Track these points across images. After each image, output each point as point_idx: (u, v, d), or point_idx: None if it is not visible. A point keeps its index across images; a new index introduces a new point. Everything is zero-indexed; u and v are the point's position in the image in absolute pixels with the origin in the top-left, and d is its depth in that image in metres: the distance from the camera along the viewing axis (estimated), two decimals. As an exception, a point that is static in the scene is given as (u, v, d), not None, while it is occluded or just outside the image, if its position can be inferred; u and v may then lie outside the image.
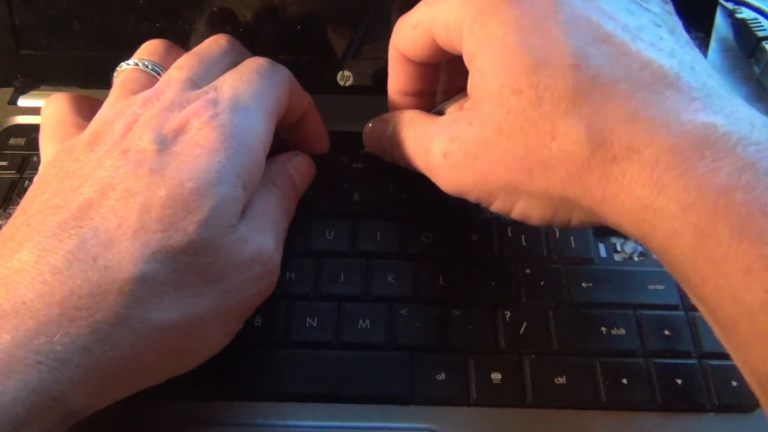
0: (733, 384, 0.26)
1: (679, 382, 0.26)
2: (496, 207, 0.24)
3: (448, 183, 0.25)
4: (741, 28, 0.42)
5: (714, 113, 0.19)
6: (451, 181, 0.24)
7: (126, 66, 0.28)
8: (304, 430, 0.25)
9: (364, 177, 0.32)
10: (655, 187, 0.19)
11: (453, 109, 0.27)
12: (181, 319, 0.22)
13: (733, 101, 0.20)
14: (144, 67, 0.28)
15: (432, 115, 0.27)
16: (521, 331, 0.28)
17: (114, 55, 0.29)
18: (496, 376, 0.26)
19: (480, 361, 0.27)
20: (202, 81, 0.26)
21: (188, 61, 0.27)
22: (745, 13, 0.43)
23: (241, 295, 0.24)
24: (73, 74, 0.35)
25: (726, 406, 0.26)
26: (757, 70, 0.41)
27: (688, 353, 0.27)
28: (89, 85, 0.35)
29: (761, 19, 0.42)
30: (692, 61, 0.21)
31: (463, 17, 0.23)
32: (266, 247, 0.25)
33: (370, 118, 0.30)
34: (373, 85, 0.35)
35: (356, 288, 0.29)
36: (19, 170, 0.33)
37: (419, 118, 0.27)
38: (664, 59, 0.20)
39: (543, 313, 0.28)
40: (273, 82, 0.27)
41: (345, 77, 0.35)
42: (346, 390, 0.26)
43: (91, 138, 0.24)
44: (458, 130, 0.23)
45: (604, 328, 0.28)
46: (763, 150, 0.18)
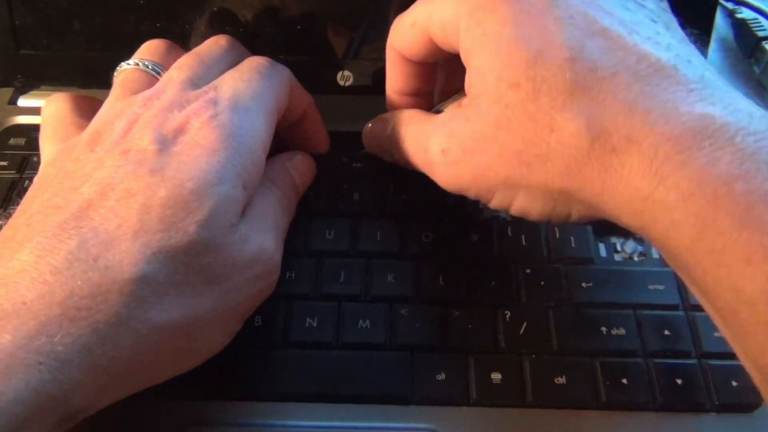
0: (734, 384, 0.26)
1: (679, 382, 0.26)
2: (495, 203, 0.24)
3: (447, 180, 0.25)
4: (741, 28, 0.42)
5: (712, 104, 0.19)
6: (450, 177, 0.24)
7: (126, 66, 0.28)
8: (304, 430, 0.25)
9: (364, 177, 0.32)
10: (654, 178, 0.19)
11: (451, 108, 0.27)
12: (181, 319, 0.22)
13: (731, 93, 0.20)
14: (144, 67, 0.28)
15: (430, 114, 0.27)
16: (521, 331, 0.28)
17: (114, 55, 0.29)
18: (496, 376, 0.26)
19: (480, 361, 0.27)
20: (202, 81, 0.26)
21: (188, 61, 0.27)
22: (745, 13, 0.43)
23: (241, 295, 0.24)
24: (73, 74, 0.35)
25: (726, 406, 0.26)
26: (757, 70, 0.41)
27: (688, 353, 0.27)
28: (89, 85, 0.35)
29: (761, 19, 0.42)
30: (689, 55, 0.21)
31: (459, 15, 0.23)
32: (266, 247, 0.25)
33: (370, 118, 0.30)
34: (372, 85, 0.35)
35: (356, 288, 0.29)
36: (19, 170, 0.33)
37: (418, 116, 0.27)
38: (661, 52, 0.21)
39: (543, 313, 0.28)
40: (273, 82, 0.27)
41: (345, 77, 0.35)
42: (346, 390, 0.26)
43: (91, 138, 0.24)
44: (456, 126, 0.23)
45: (604, 328, 0.28)
46: (762, 140, 0.18)
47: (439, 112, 0.28)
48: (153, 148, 0.23)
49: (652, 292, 0.29)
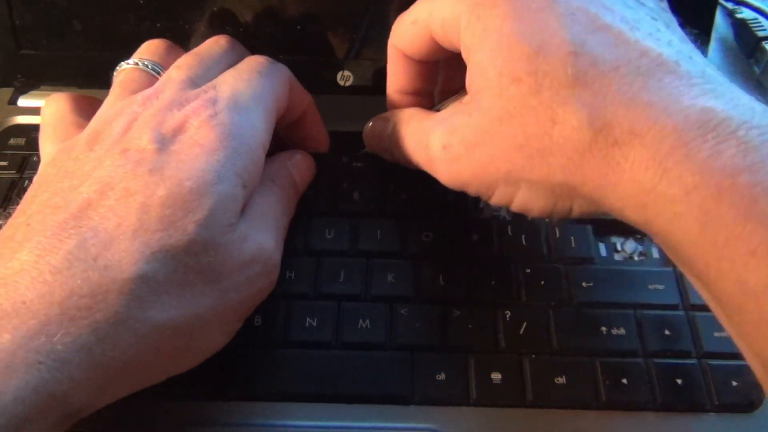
0: (734, 384, 0.26)
1: (679, 382, 0.26)
2: (497, 199, 0.24)
3: (449, 176, 0.25)
4: (741, 28, 0.42)
5: (715, 98, 0.19)
6: (451, 173, 0.24)
7: (126, 65, 0.28)
8: (304, 430, 0.25)
9: (364, 176, 0.32)
10: (657, 170, 0.19)
11: (452, 106, 0.27)
12: (181, 319, 0.22)
13: (733, 88, 0.20)
14: (144, 66, 0.28)
15: (431, 112, 0.27)
16: (521, 331, 0.28)
17: (114, 55, 0.29)
18: (496, 376, 0.26)
19: (480, 361, 0.27)
20: (201, 81, 0.26)
21: (188, 61, 0.27)
22: (745, 13, 0.43)
23: (240, 294, 0.24)
24: (73, 74, 0.35)
25: (726, 406, 0.26)
26: (757, 70, 0.41)
27: (688, 353, 0.27)
28: (89, 85, 0.35)
29: (761, 19, 0.42)
30: (690, 52, 0.21)
31: (460, 12, 0.23)
32: (266, 246, 0.25)
33: (370, 118, 0.30)
34: (373, 85, 0.35)
35: (356, 287, 0.29)
36: (19, 170, 0.33)
37: (418, 114, 0.27)
38: (662, 48, 0.21)
39: (543, 313, 0.28)
40: (272, 81, 0.27)
41: (345, 77, 0.35)
42: (346, 390, 0.26)
43: (91, 137, 0.24)
44: (458, 121, 0.23)
45: (604, 328, 0.28)
46: (765, 134, 0.18)
47: (439, 111, 0.28)
48: (152, 148, 0.23)
49: (652, 292, 0.29)
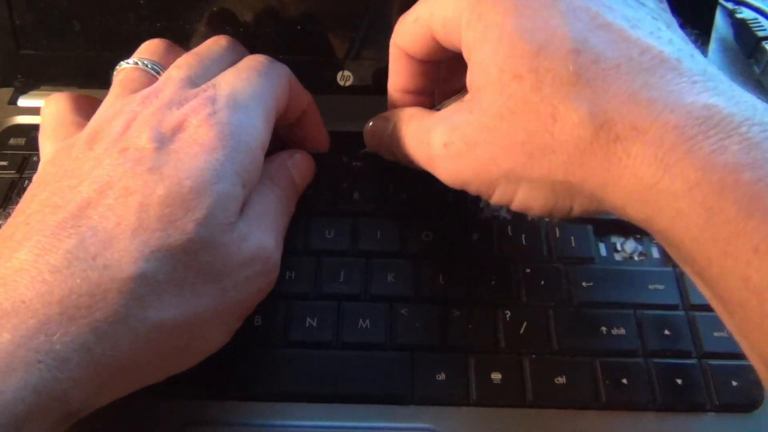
0: (733, 384, 0.26)
1: (679, 382, 0.26)
2: (497, 197, 0.24)
3: (449, 174, 0.24)
4: (741, 28, 0.42)
5: (717, 95, 0.19)
6: (452, 171, 0.24)
7: (125, 65, 0.28)
8: (304, 430, 0.25)
9: (364, 176, 0.32)
10: (660, 166, 0.19)
11: (453, 105, 0.27)
12: (180, 318, 0.22)
13: (734, 87, 0.20)
14: (143, 66, 0.28)
15: (432, 111, 0.27)
16: (521, 331, 0.27)
17: (114, 55, 0.29)
18: (496, 376, 0.26)
19: (480, 361, 0.27)
20: (201, 80, 0.26)
21: (188, 60, 0.27)
22: (745, 13, 0.43)
23: (240, 293, 0.24)
24: (73, 74, 0.35)
25: (726, 406, 0.26)
26: (757, 70, 0.41)
27: (688, 353, 0.27)
28: (89, 85, 0.35)
29: (761, 19, 0.42)
30: (691, 51, 0.21)
31: (460, 11, 0.23)
32: (266, 245, 0.25)
33: (370, 118, 0.30)
34: (373, 84, 0.35)
35: (356, 287, 0.29)
36: (19, 170, 0.33)
37: (419, 113, 0.27)
38: (663, 46, 0.21)
39: (543, 313, 0.28)
40: (272, 80, 0.27)
41: (345, 77, 0.35)
42: (346, 390, 0.26)
43: (90, 136, 0.24)
44: (459, 119, 0.23)
45: (604, 328, 0.28)
46: (767, 131, 0.18)
47: (440, 110, 0.28)
48: (151, 146, 0.23)
49: (653, 292, 0.29)
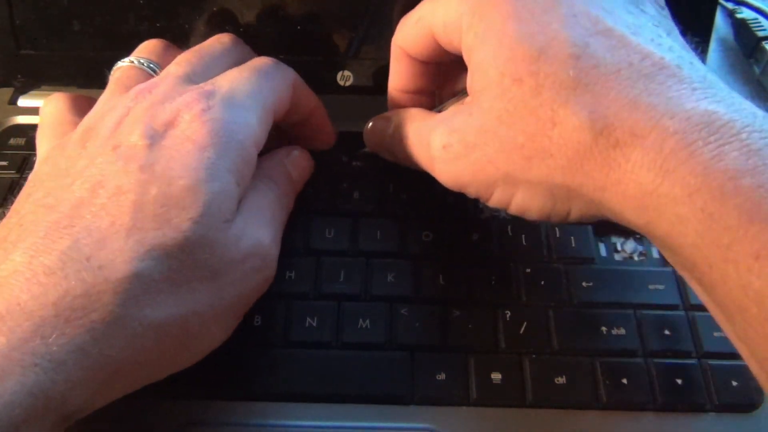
0: (734, 384, 0.26)
1: (679, 382, 0.26)
2: (495, 200, 0.24)
3: (448, 176, 0.24)
4: (741, 28, 0.42)
5: (717, 102, 0.19)
6: (451, 173, 0.24)
7: (122, 63, 0.28)
8: (304, 430, 0.25)
9: (364, 176, 0.32)
10: (660, 171, 0.19)
11: (454, 107, 0.27)
12: (177, 316, 0.22)
13: (733, 95, 0.20)
14: (140, 64, 0.28)
15: (432, 113, 0.27)
16: (521, 331, 0.27)
17: (114, 55, 0.29)
18: (496, 376, 0.26)
19: (480, 361, 0.27)
20: (200, 78, 0.26)
21: (188, 57, 0.27)
22: (745, 13, 0.43)
23: (238, 290, 0.24)
24: (73, 74, 0.35)
25: (726, 406, 0.26)
26: (757, 70, 0.41)
27: (688, 353, 0.27)
28: (89, 85, 0.35)
29: (761, 19, 0.42)
30: (691, 59, 0.21)
31: (461, 14, 0.23)
32: (262, 241, 0.25)
33: (370, 118, 0.30)
34: (373, 84, 0.35)
35: (356, 287, 0.29)
36: (19, 170, 0.33)
37: (420, 114, 0.27)
38: (664, 52, 0.21)
39: (543, 313, 0.28)
40: (273, 82, 0.27)
41: (345, 77, 0.35)
42: (346, 390, 0.26)
43: (83, 133, 0.24)
44: (459, 121, 0.23)
45: (604, 328, 0.28)
46: (767, 138, 0.18)
47: (440, 112, 0.28)
48: (143, 143, 0.23)
49: (653, 292, 0.29)
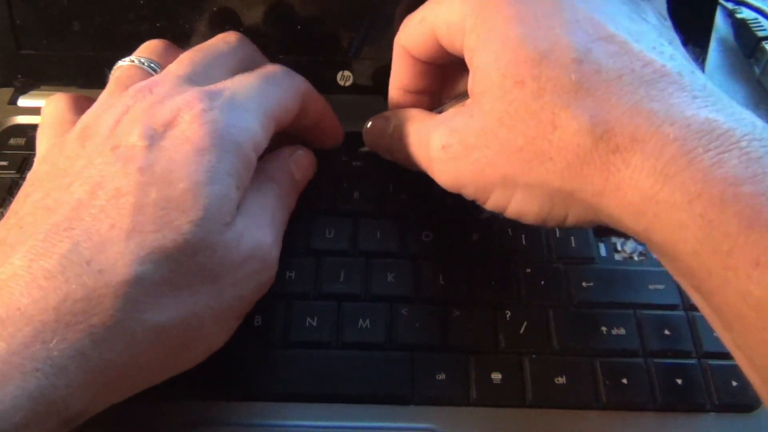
0: (734, 384, 0.26)
1: (679, 382, 0.26)
2: (492, 203, 0.24)
3: (446, 177, 0.24)
4: (741, 28, 0.42)
5: (717, 111, 0.19)
6: (449, 174, 0.24)
7: (123, 63, 0.28)
8: (304, 430, 0.25)
9: (364, 176, 0.32)
10: (659, 178, 0.19)
11: (454, 108, 0.27)
12: (178, 319, 0.22)
13: (733, 104, 0.20)
14: (140, 63, 0.27)
15: (433, 113, 0.27)
16: (521, 331, 0.27)
17: (114, 55, 0.29)
18: (496, 376, 0.26)
19: (480, 361, 0.27)
20: (201, 78, 0.26)
21: (190, 57, 0.27)
22: (745, 13, 0.43)
23: (239, 292, 0.24)
24: (73, 74, 0.35)
25: (726, 406, 0.26)
26: (757, 70, 0.41)
27: (689, 353, 0.27)
28: (89, 85, 0.35)
29: (761, 19, 0.42)
30: (692, 67, 0.21)
31: (464, 15, 0.23)
32: (263, 242, 0.25)
33: (370, 118, 0.30)
34: (373, 85, 0.35)
35: (356, 287, 0.29)
36: (19, 170, 0.33)
37: (420, 115, 0.27)
38: (665, 60, 0.21)
39: (543, 313, 0.28)
40: (280, 89, 0.27)
41: (345, 77, 0.35)
42: (346, 390, 0.26)
43: (81, 131, 0.24)
44: (459, 122, 0.23)
45: (604, 328, 0.28)
46: (767, 146, 0.18)
47: (441, 113, 0.28)
48: (142, 144, 0.22)
49: (653, 292, 0.29)
